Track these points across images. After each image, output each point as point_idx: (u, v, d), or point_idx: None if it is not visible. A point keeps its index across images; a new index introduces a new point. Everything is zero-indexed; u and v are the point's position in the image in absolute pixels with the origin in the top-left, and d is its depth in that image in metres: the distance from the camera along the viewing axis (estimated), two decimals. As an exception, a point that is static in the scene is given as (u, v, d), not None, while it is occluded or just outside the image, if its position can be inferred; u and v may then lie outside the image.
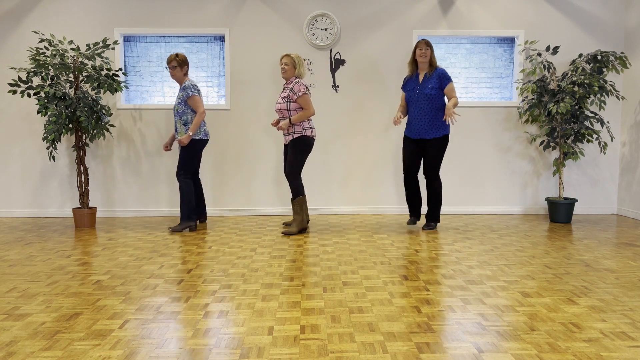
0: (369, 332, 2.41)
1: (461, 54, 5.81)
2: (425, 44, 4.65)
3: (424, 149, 4.80)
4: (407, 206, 5.88)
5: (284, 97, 4.65)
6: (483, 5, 5.73)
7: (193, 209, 4.88)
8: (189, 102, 4.77)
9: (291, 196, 4.78)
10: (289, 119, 4.61)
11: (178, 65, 4.78)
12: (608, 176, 5.90)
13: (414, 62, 4.78)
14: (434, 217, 4.92)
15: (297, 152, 4.65)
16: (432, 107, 4.69)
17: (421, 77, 4.74)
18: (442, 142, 4.74)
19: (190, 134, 4.73)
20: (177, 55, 4.78)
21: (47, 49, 5.07)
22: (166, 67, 4.93)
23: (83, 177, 5.54)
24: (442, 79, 4.67)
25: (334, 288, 3.09)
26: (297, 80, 4.66)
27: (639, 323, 2.53)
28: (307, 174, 5.84)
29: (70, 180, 5.75)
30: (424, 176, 4.86)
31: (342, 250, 4.11)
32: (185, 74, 4.86)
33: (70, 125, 5.13)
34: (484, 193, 5.89)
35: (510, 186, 5.89)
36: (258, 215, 5.84)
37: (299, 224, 4.73)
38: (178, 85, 5.24)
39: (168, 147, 5.07)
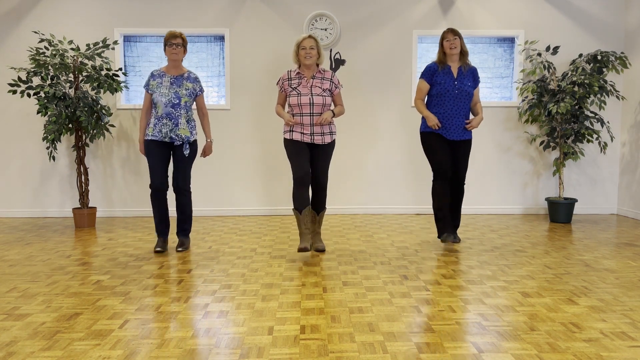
0: (369, 332, 2.41)
1: (461, 54, 5.81)
2: (452, 33, 3.99)
3: (456, 150, 4.17)
4: (406, 204, 5.88)
5: (325, 89, 3.84)
6: (483, 5, 5.72)
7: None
8: (198, 100, 4.08)
9: (313, 205, 4.03)
10: (332, 112, 3.87)
11: (183, 45, 3.95)
12: (608, 176, 5.90)
13: (443, 56, 4.08)
14: (458, 224, 4.34)
15: (330, 156, 3.96)
16: (468, 106, 4.08)
17: (455, 71, 4.06)
18: (470, 145, 4.20)
19: (211, 139, 4.13)
20: (180, 33, 3.94)
21: (47, 49, 5.07)
22: (170, 45, 3.91)
23: (83, 177, 5.53)
24: (477, 79, 4.13)
25: (334, 288, 3.09)
26: (328, 70, 3.94)
27: (639, 323, 2.53)
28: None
29: (70, 180, 5.75)
30: (454, 181, 4.19)
31: (342, 250, 4.11)
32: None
33: (70, 125, 5.13)
34: (484, 193, 5.89)
35: (510, 186, 5.89)
36: (258, 215, 5.84)
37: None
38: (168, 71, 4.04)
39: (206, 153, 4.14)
